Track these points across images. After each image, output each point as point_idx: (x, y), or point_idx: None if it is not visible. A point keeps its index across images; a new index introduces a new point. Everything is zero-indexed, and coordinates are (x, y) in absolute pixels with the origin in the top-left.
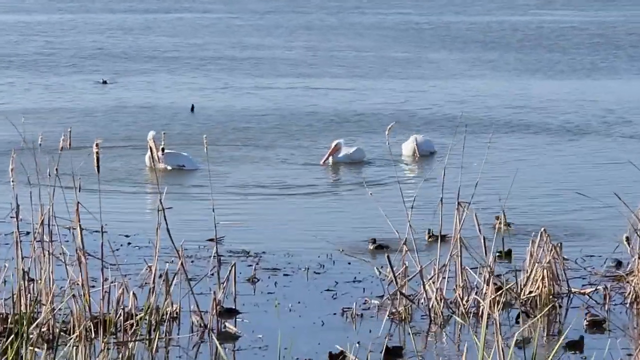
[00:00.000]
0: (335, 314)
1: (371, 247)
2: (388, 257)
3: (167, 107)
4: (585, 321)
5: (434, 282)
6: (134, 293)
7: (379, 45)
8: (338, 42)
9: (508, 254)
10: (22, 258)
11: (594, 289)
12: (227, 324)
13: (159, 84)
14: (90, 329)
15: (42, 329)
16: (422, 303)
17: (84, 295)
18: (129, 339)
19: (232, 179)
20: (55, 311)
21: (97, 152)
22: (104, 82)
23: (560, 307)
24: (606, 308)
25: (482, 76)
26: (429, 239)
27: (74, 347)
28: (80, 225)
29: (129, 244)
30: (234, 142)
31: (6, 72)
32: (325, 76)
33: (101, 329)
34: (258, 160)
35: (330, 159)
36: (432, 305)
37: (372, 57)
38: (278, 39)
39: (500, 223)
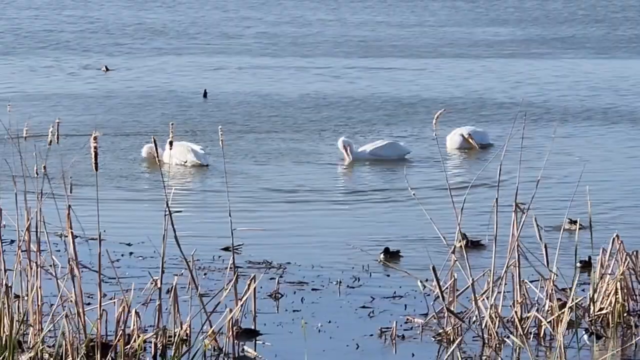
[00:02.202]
0: (372, 335)
1: (382, 257)
2: (433, 268)
3: (177, 92)
4: None
5: (487, 298)
6: (136, 312)
7: (440, 20)
8: (394, 17)
9: (588, 264)
10: (5, 271)
11: None
12: (245, 347)
13: (172, 65)
14: (86, 355)
15: (30, 355)
16: (473, 322)
17: (78, 315)
18: None
19: (253, 179)
20: (44, 333)
21: (95, 147)
22: (106, 69)
23: (636, 326)
24: None
25: (561, 55)
26: (461, 245)
27: None
28: (72, 232)
29: (131, 253)
30: (256, 135)
31: None
32: (380, 56)
33: (98, 354)
34: (285, 157)
35: (350, 156)
36: (486, 325)
37: (433, 34)
38: (323, 13)
39: (570, 227)
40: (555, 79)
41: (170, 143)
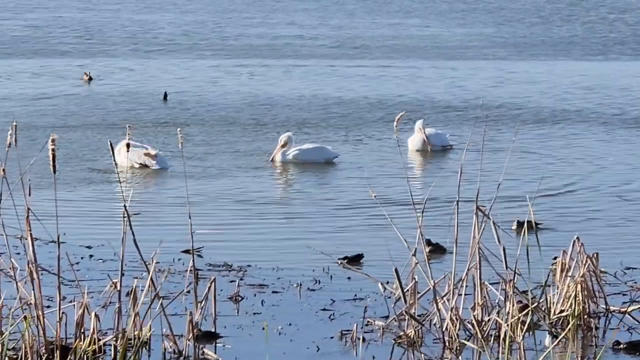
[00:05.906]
0: (332, 337)
1: (344, 260)
2: (396, 270)
3: (139, 95)
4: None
5: (448, 300)
6: (96, 314)
7: (398, 23)
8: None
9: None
10: None
11: (636, 307)
12: (205, 350)
13: (138, 68)
14: (46, 357)
15: None
16: (434, 325)
17: (37, 318)
18: None
19: (212, 181)
20: (3, 337)
21: (52, 150)
22: (90, 79)
23: (596, 328)
24: None
25: (538, 57)
26: (428, 250)
27: None
28: (31, 234)
29: (91, 256)
30: (220, 137)
31: None
32: (348, 57)
33: (58, 357)
34: (247, 159)
35: (279, 156)
36: (447, 328)
37: (395, 38)
38: (286, 14)
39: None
40: (530, 80)
41: (128, 145)
